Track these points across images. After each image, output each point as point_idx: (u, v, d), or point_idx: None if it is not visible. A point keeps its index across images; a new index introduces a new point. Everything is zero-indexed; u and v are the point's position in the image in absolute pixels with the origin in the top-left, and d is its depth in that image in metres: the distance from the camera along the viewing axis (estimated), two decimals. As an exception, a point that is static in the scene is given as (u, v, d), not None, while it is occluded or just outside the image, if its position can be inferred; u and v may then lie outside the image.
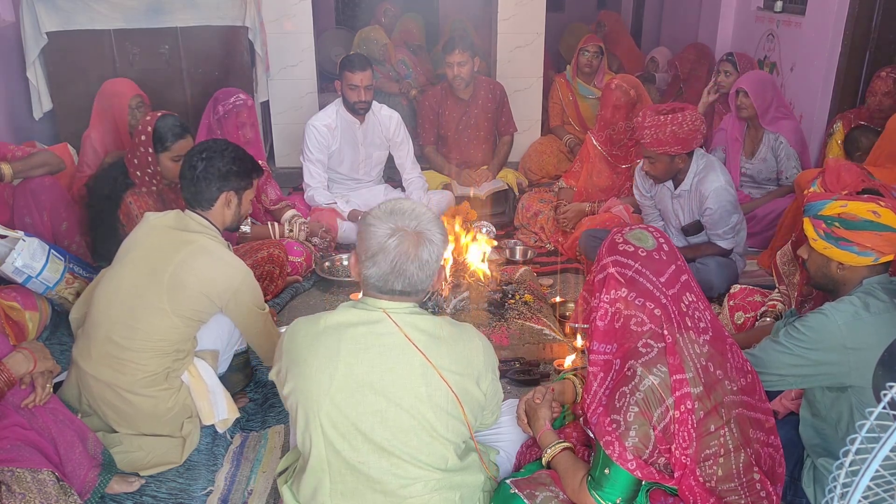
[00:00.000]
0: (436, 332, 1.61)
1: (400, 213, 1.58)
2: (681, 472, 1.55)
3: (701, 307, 1.63)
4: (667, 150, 3.02)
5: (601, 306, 1.63)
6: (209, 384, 2.27)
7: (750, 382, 1.66)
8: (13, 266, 2.65)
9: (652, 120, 3.00)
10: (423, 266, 1.57)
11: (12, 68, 4.03)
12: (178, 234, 2.21)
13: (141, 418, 2.18)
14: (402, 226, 1.56)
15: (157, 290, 2.12)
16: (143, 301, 2.13)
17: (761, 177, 4.04)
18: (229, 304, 2.23)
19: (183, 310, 2.14)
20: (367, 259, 1.57)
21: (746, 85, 3.92)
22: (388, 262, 1.55)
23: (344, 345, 1.57)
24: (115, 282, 2.19)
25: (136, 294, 2.14)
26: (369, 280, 1.59)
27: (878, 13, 4.24)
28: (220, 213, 2.30)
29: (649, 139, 3.01)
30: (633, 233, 1.67)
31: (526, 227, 4.15)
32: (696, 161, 3.13)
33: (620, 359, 1.60)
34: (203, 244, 2.19)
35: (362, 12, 7.14)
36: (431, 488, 1.59)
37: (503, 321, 2.94)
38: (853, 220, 1.79)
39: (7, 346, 1.92)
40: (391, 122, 4.06)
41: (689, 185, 3.16)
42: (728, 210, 3.11)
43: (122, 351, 2.12)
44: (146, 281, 2.14)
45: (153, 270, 2.14)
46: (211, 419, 2.27)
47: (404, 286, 1.58)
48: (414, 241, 1.55)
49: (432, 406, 1.56)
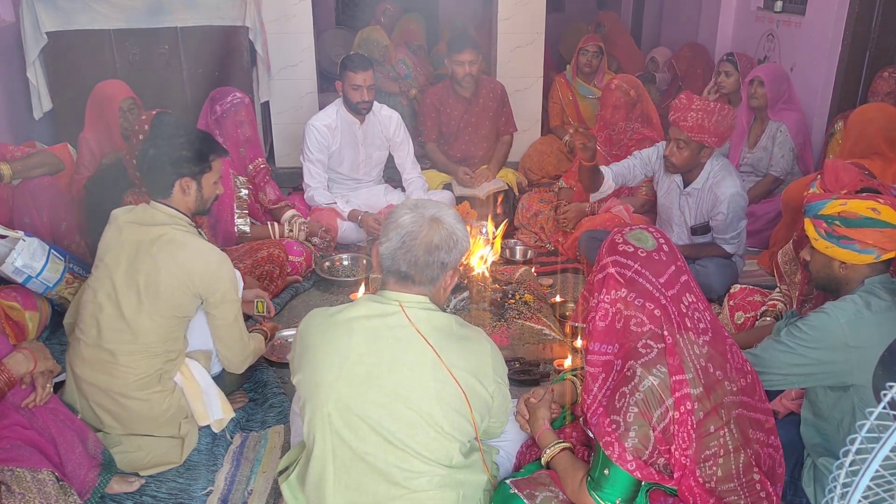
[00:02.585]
0: (448, 329, 1.63)
1: (424, 205, 1.66)
2: (680, 472, 1.55)
3: (701, 308, 1.63)
4: (703, 139, 2.95)
5: (601, 307, 1.63)
6: (202, 385, 2.25)
7: (750, 383, 1.66)
8: (13, 266, 2.65)
9: (701, 103, 2.92)
10: (431, 250, 1.60)
11: (12, 68, 4.03)
12: (147, 229, 2.16)
13: (137, 421, 2.17)
14: (422, 211, 1.63)
15: (135, 292, 2.10)
16: (124, 304, 2.11)
17: (761, 165, 4.04)
18: (206, 291, 2.17)
19: (163, 308, 2.12)
20: (383, 236, 1.63)
21: (763, 74, 3.94)
22: (398, 238, 1.60)
23: (355, 336, 1.60)
24: (95, 286, 2.17)
25: (117, 298, 2.11)
26: (382, 260, 1.64)
27: (878, 13, 4.24)
28: (180, 200, 2.23)
29: (692, 123, 2.91)
30: (633, 233, 1.67)
31: (526, 227, 4.15)
32: (711, 161, 3.10)
33: (621, 359, 1.60)
34: (171, 237, 2.14)
35: (362, 12, 7.14)
36: (436, 484, 1.60)
37: (503, 321, 2.94)
38: (853, 217, 1.80)
39: (7, 345, 1.92)
40: (391, 122, 4.06)
41: (702, 184, 3.13)
42: (739, 216, 3.10)
43: (111, 355, 2.11)
44: (124, 284, 2.11)
45: (127, 272, 2.12)
46: (206, 420, 2.26)
47: (409, 267, 1.60)
48: (428, 224, 1.61)
49: (440, 402, 1.57)
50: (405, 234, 1.59)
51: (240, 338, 2.33)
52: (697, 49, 5.76)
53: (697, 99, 2.96)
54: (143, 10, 4.04)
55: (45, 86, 4.03)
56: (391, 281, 1.65)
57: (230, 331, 2.29)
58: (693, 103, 2.93)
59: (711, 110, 2.90)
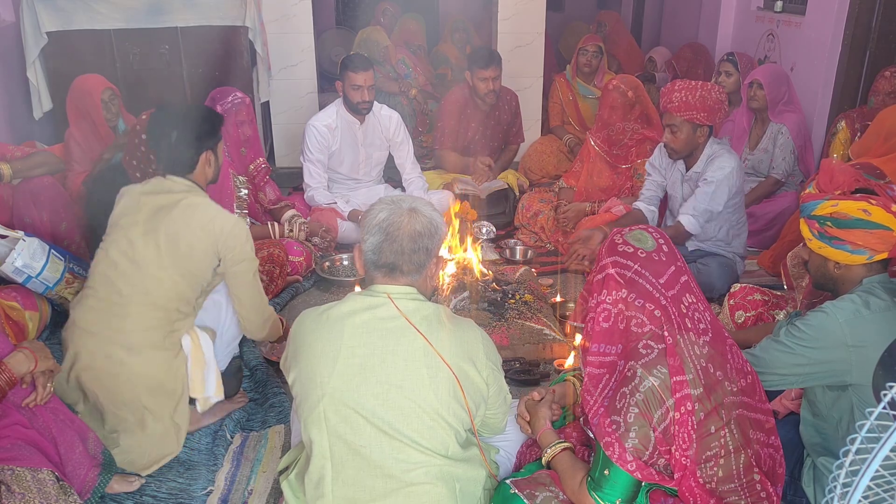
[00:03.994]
0: (437, 318, 1.65)
1: (399, 200, 1.70)
2: (681, 473, 1.55)
3: (701, 308, 1.63)
4: (693, 117, 3.00)
5: (603, 308, 1.63)
6: (206, 356, 2.30)
7: (750, 383, 1.66)
8: (13, 266, 2.65)
9: (683, 83, 3.04)
10: (415, 237, 1.63)
11: (12, 68, 4.03)
12: (166, 196, 2.25)
13: (128, 385, 2.15)
14: (398, 204, 1.67)
15: (154, 247, 2.15)
16: (140, 258, 2.16)
17: (762, 167, 4.04)
18: (225, 248, 2.24)
19: (181, 264, 2.17)
20: (365, 234, 1.66)
21: (761, 76, 3.94)
22: (381, 231, 1.63)
23: (347, 330, 1.62)
24: (108, 247, 2.21)
25: (133, 253, 2.16)
26: (366, 256, 1.67)
27: (878, 13, 4.24)
28: (202, 172, 2.35)
29: (677, 102, 3.00)
30: (632, 234, 1.67)
31: (526, 226, 4.15)
32: (710, 145, 3.14)
33: (623, 359, 1.60)
34: (191, 201, 2.24)
35: (362, 12, 7.13)
36: (433, 476, 1.60)
37: (503, 321, 2.94)
38: (844, 218, 1.80)
39: (8, 345, 1.92)
40: (391, 123, 4.06)
41: (702, 167, 3.14)
42: (722, 192, 3.06)
43: (121, 306, 2.15)
44: (141, 241, 2.17)
45: (146, 231, 2.17)
46: (199, 392, 2.28)
47: (395, 257, 1.63)
48: (407, 214, 1.65)
49: (434, 389, 1.59)
50: (388, 226, 1.63)
51: (258, 297, 2.40)
52: (697, 49, 5.76)
53: (679, 82, 3.07)
54: (143, 10, 4.04)
55: (45, 86, 4.02)
56: (378, 276, 1.68)
57: (249, 289, 2.36)
58: (675, 85, 3.05)
59: (694, 87, 3.00)
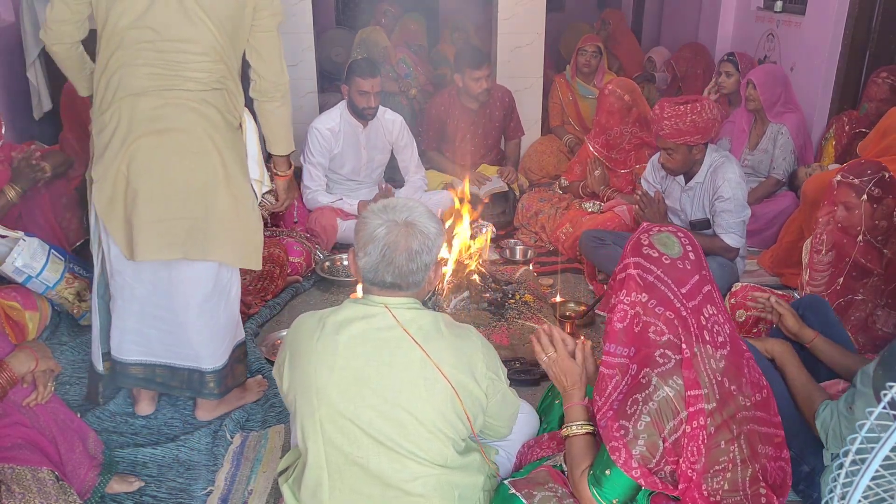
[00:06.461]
0: (435, 328, 1.62)
1: (392, 208, 1.62)
2: (686, 484, 1.53)
3: (721, 320, 1.59)
4: (687, 141, 2.98)
5: (620, 307, 1.59)
6: (249, 141, 2.37)
7: (765, 398, 1.63)
8: (13, 266, 2.65)
9: (671, 110, 2.97)
10: (412, 257, 1.58)
11: (12, 68, 4.03)
12: None
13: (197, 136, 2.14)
14: (393, 218, 1.59)
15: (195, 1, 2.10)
16: (174, 18, 2.09)
17: (762, 167, 4.05)
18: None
19: (221, 12, 2.12)
20: (360, 250, 1.61)
21: (755, 77, 3.94)
22: (377, 252, 1.58)
23: (343, 339, 1.58)
24: (136, 35, 2.12)
25: (166, 18, 2.09)
26: (364, 273, 1.62)
27: (878, 13, 4.24)
28: None
29: (669, 130, 2.97)
30: (660, 236, 1.61)
31: (526, 226, 4.15)
32: (710, 154, 3.12)
33: (637, 364, 1.57)
34: None
35: (362, 12, 7.12)
36: (432, 486, 1.59)
37: (503, 321, 2.94)
38: None
39: (9, 344, 1.92)
40: (395, 127, 4.05)
41: (703, 177, 3.13)
42: (741, 203, 3.07)
43: (175, 63, 2.11)
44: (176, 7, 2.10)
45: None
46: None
47: (394, 278, 1.59)
48: (404, 232, 1.58)
49: (431, 401, 1.56)
50: (384, 247, 1.57)
51: (279, 55, 2.35)
52: (697, 49, 5.75)
53: (668, 106, 3.00)
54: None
55: (45, 86, 4.01)
56: (375, 289, 1.64)
57: (271, 42, 2.30)
58: (664, 112, 2.98)
59: (683, 113, 2.94)
